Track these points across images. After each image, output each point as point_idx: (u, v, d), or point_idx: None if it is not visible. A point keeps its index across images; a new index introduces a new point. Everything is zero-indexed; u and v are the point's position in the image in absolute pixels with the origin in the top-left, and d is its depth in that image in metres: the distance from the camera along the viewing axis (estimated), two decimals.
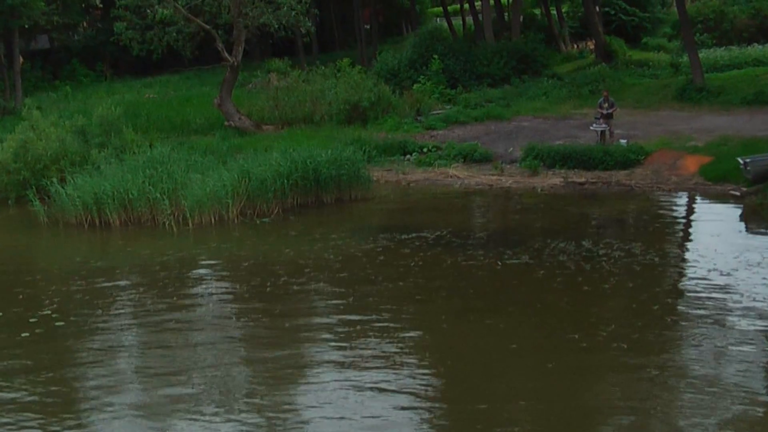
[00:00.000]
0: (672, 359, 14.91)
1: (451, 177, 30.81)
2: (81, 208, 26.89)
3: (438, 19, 76.23)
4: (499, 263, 20.77)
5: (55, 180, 28.10)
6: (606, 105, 31.76)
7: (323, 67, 42.30)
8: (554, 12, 60.07)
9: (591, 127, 32.04)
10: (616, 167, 29.41)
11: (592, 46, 55.24)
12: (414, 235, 23.64)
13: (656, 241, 22.07)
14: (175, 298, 19.74)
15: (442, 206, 27.98)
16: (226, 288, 20.86)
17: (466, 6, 64.27)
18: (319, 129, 36.30)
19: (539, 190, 28.66)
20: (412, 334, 16.83)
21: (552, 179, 29.39)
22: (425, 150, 33.43)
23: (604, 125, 31.53)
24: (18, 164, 30.44)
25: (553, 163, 30.34)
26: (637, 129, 33.41)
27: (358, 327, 17.25)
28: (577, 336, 15.94)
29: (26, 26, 49.06)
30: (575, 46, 60.26)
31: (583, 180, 28.85)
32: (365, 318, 17.75)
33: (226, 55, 37.55)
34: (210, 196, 26.38)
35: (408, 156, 33.39)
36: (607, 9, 58.14)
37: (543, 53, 47.90)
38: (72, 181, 27.67)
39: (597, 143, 31.04)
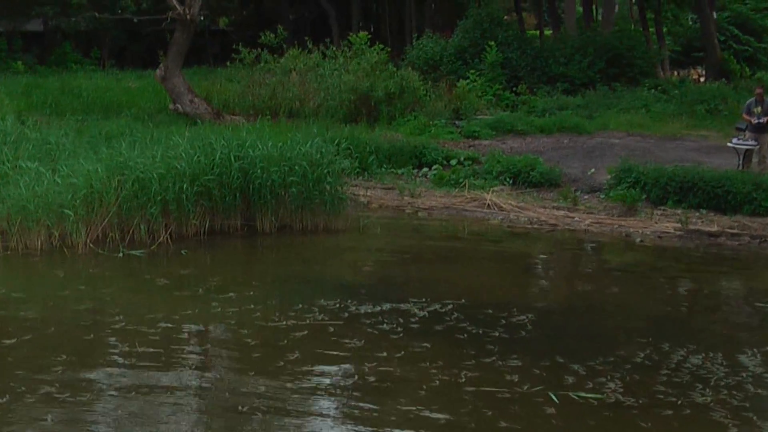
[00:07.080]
0: None
1: (488, 207, 18.49)
2: None
3: None
4: (555, 397, 8.83)
5: None
6: (759, 109, 19.01)
7: (333, 48, 29.75)
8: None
9: (730, 143, 19.48)
10: None
11: (695, 76, 47.11)
12: (388, 306, 11.72)
13: None
14: None
15: (459, 256, 15.63)
16: None
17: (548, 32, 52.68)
18: (306, 124, 24.05)
19: (638, 240, 16.31)
20: None
21: (661, 223, 17.03)
22: (453, 162, 21.17)
23: (753, 142, 18.92)
24: None
25: (664, 196, 17.92)
26: None
27: None
28: None
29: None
30: (675, 73, 50.55)
31: (715, 229, 16.47)
32: None
33: (176, 3, 25.49)
34: (41, 203, 14.52)
35: (425, 170, 21.14)
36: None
37: (643, 55, 34.67)
38: None
39: (738, 170, 18.56)
